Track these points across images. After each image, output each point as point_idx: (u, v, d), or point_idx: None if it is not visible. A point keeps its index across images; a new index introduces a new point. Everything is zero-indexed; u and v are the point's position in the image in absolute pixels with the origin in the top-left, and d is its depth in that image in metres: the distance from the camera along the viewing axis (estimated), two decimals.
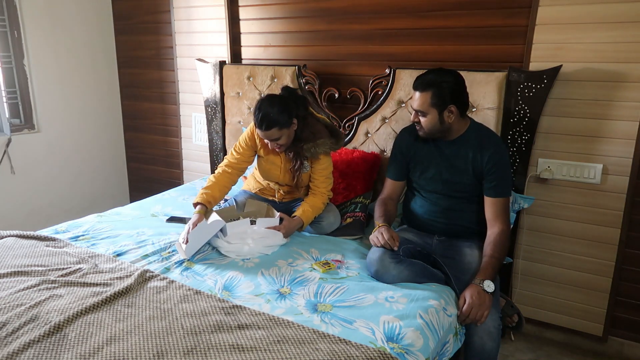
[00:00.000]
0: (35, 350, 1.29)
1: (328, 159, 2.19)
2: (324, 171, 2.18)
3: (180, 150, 3.49)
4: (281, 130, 2.02)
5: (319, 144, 2.10)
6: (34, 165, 3.27)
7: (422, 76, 1.87)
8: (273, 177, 2.27)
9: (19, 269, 1.74)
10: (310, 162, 2.17)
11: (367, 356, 1.31)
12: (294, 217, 2.13)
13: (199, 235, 1.93)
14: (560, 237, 2.31)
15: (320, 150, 2.10)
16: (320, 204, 2.18)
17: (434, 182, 1.98)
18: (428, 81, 1.84)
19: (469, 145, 1.91)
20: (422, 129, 1.90)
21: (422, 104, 1.85)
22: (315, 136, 2.10)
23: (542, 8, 2.12)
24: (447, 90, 1.82)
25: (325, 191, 2.21)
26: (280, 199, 2.33)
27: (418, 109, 1.87)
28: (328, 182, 2.22)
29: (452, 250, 1.91)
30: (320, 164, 2.16)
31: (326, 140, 2.12)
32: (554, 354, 2.33)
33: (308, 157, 2.14)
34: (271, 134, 2.02)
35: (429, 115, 1.85)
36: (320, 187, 2.20)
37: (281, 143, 2.07)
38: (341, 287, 1.71)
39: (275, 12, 2.85)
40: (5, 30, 3.04)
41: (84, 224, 2.25)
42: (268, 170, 2.25)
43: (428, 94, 1.83)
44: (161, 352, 1.31)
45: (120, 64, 3.65)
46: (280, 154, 2.19)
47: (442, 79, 1.83)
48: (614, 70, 2.06)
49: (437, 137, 1.93)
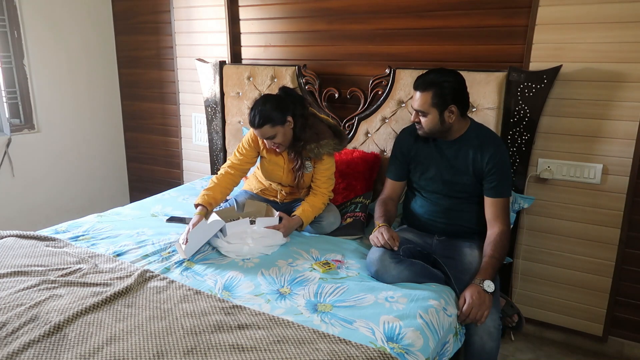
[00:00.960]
0: (35, 350, 1.29)
1: (331, 160, 2.19)
2: (326, 172, 2.18)
3: (180, 150, 3.49)
4: (274, 128, 2.02)
5: (322, 144, 2.09)
6: (34, 165, 3.27)
7: (423, 76, 1.86)
8: (276, 178, 2.27)
9: (19, 269, 1.74)
10: (314, 162, 2.17)
11: (367, 356, 1.31)
12: (293, 217, 2.13)
13: (198, 235, 1.93)
14: (560, 237, 2.31)
15: (324, 150, 2.11)
16: (321, 204, 2.18)
17: (434, 182, 1.98)
18: (429, 81, 1.83)
19: (470, 146, 1.91)
20: (423, 128, 1.90)
21: (423, 104, 1.84)
22: (319, 137, 2.10)
23: (542, 8, 2.12)
24: (448, 90, 1.82)
25: (327, 192, 2.21)
26: (282, 199, 2.33)
27: (419, 108, 1.86)
28: (330, 182, 2.22)
29: (452, 250, 1.91)
30: (323, 165, 2.16)
31: (330, 141, 2.11)
32: (554, 354, 2.33)
33: (311, 157, 2.14)
34: (264, 132, 2.03)
35: (430, 115, 1.85)
36: (321, 187, 2.20)
37: (278, 142, 2.07)
38: (341, 287, 1.71)
39: (275, 12, 2.85)
40: (5, 30, 3.04)
41: (84, 224, 2.25)
42: (271, 171, 2.25)
43: (429, 94, 1.83)
44: (161, 352, 1.31)
45: (120, 64, 3.65)
46: (283, 154, 2.19)
47: (443, 79, 1.82)
48: (614, 70, 2.06)
49: (437, 137, 1.93)
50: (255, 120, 2.00)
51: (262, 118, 2.00)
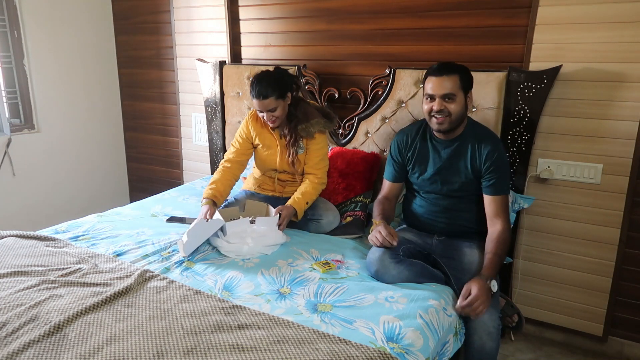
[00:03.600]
0: (35, 350, 1.29)
1: (323, 138, 2.28)
2: (319, 151, 2.26)
3: (180, 150, 3.49)
4: (277, 101, 2.13)
5: (312, 123, 2.21)
6: (34, 165, 3.27)
7: (442, 64, 1.87)
8: (271, 164, 2.32)
9: (19, 269, 1.74)
10: (306, 143, 2.25)
11: (367, 356, 1.31)
12: (286, 206, 2.16)
13: (197, 233, 1.93)
14: (560, 237, 2.31)
15: (315, 129, 2.22)
16: (311, 189, 2.21)
17: (432, 182, 1.98)
18: (452, 66, 1.86)
19: (467, 144, 1.91)
20: (448, 117, 1.84)
21: (453, 86, 1.83)
22: (308, 117, 2.22)
23: (542, 8, 2.12)
24: (469, 75, 1.88)
25: (319, 174, 2.26)
26: (281, 192, 2.36)
27: (449, 91, 1.83)
28: (323, 164, 2.28)
29: (452, 250, 1.91)
30: (316, 143, 2.25)
31: (319, 120, 2.24)
32: (554, 354, 2.33)
33: (303, 136, 2.23)
34: (268, 104, 2.12)
35: (458, 98, 1.84)
36: (314, 168, 2.26)
37: (277, 115, 2.16)
38: (341, 287, 1.71)
39: (275, 12, 2.85)
40: (5, 30, 3.04)
41: (84, 224, 2.26)
42: (266, 157, 2.32)
43: (456, 77, 1.84)
44: (161, 352, 1.31)
45: (120, 64, 3.65)
46: (274, 135, 2.27)
47: (461, 66, 1.88)
48: (614, 70, 2.06)
49: (451, 128, 1.89)
50: (261, 94, 2.10)
51: (267, 90, 2.10)
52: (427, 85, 1.87)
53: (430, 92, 1.85)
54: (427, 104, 1.88)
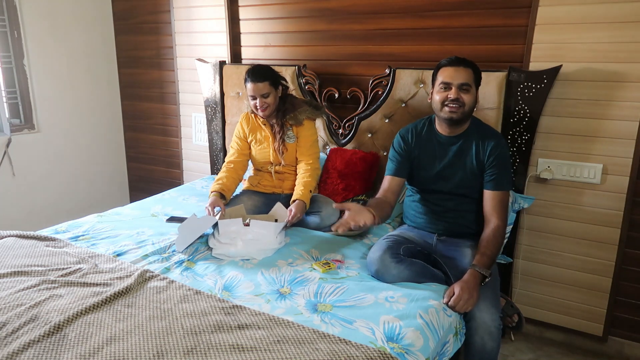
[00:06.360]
0: (35, 350, 1.29)
1: (312, 125, 2.39)
2: (310, 137, 2.36)
3: (180, 150, 3.49)
4: (270, 87, 2.25)
5: (300, 111, 2.34)
6: (34, 165, 3.27)
7: (457, 57, 1.88)
8: (265, 156, 2.40)
9: (19, 269, 1.74)
10: (296, 131, 2.34)
11: (367, 356, 1.31)
12: (294, 202, 2.19)
13: (189, 228, 1.92)
14: (560, 237, 2.31)
15: (303, 116, 2.34)
16: (309, 177, 2.28)
17: (437, 180, 1.98)
18: (467, 60, 1.88)
19: (472, 140, 1.92)
20: (463, 107, 1.85)
21: (469, 78, 1.85)
22: (296, 107, 2.35)
23: (542, 8, 2.12)
24: (480, 72, 1.90)
25: (312, 160, 2.34)
26: (280, 186, 2.40)
27: (466, 81, 1.84)
28: (314, 149, 2.37)
29: (453, 250, 1.91)
30: (305, 130, 2.35)
31: (307, 108, 2.37)
32: (554, 354, 2.33)
33: (292, 124, 2.33)
34: (262, 87, 2.23)
35: (472, 90, 1.87)
36: (305, 154, 2.34)
37: (269, 102, 2.26)
38: (341, 287, 1.71)
39: (275, 12, 2.85)
40: (5, 30, 3.04)
41: (84, 224, 2.25)
42: (259, 151, 2.41)
43: (470, 70, 1.86)
44: (161, 352, 1.31)
45: (120, 64, 3.65)
46: (266, 129, 2.36)
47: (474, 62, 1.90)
48: (614, 70, 2.06)
49: (461, 120, 1.89)
50: (257, 77, 2.22)
51: (264, 74, 2.23)
52: (443, 74, 1.87)
53: (448, 80, 1.85)
54: (441, 93, 1.87)
